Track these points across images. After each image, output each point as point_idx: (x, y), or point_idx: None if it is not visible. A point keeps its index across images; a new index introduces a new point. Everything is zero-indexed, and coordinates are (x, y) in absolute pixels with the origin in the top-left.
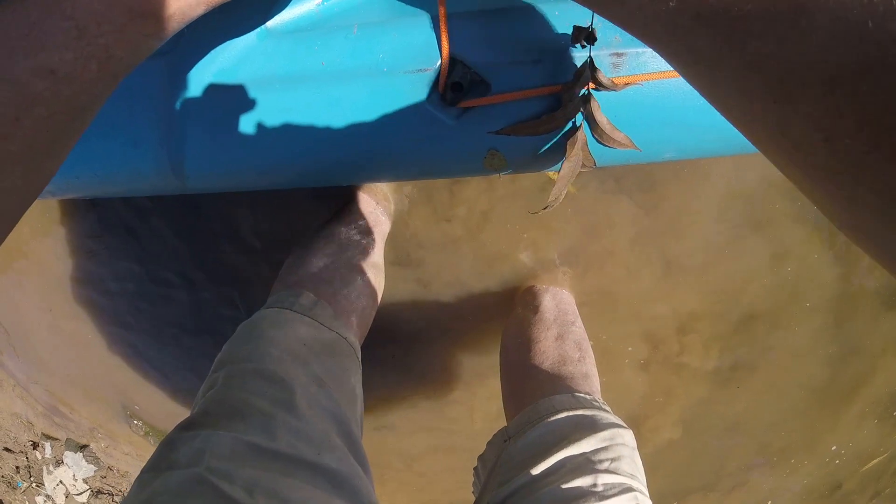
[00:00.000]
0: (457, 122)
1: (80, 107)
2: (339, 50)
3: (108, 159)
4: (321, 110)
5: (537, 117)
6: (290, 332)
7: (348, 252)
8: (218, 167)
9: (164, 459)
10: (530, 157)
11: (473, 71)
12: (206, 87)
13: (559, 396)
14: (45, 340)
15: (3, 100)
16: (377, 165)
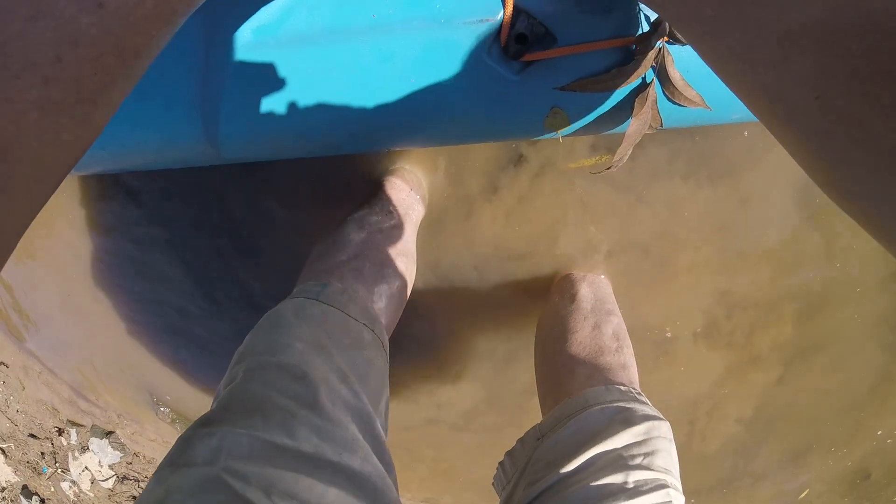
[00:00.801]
0: (519, 78)
1: (131, 49)
2: (391, 0)
3: (138, 125)
4: (370, 67)
5: (606, 71)
6: (314, 323)
7: (378, 240)
8: (255, 131)
9: (181, 456)
10: (594, 116)
11: (539, 21)
12: (245, 45)
13: (593, 389)
14: (70, 327)
15: (44, 37)
16: (430, 126)
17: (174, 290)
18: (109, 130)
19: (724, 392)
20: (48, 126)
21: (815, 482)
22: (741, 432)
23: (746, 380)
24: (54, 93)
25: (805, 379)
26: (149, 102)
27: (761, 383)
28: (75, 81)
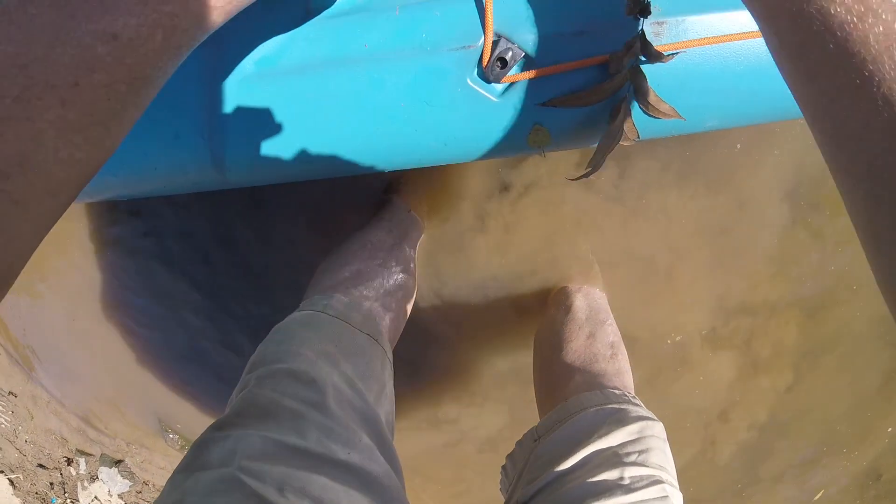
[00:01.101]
0: (501, 98)
1: (142, 78)
2: (381, 31)
3: (147, 153)
4: (365, 93)
5: (585, 88)
6: (321, 333)
7: (380, 257)
8: (259, 158)
9: (197, 460)
10: (574, 131)
11: (517, 45)
12: (247, 76)
13: (588, 393)
14: (77, 355)
15: (63, 64)
16: (421, 148)
17: (182, 315)
18: (120, 158)
19: (735, 397)
20: (63, 145)
21: (829, 484)
22: (754, 437)
23: (755, 384)
24: (71, 114)
25: (814, 381)
26: (158, 131)
27: (770, 387)
28: (90, 105)
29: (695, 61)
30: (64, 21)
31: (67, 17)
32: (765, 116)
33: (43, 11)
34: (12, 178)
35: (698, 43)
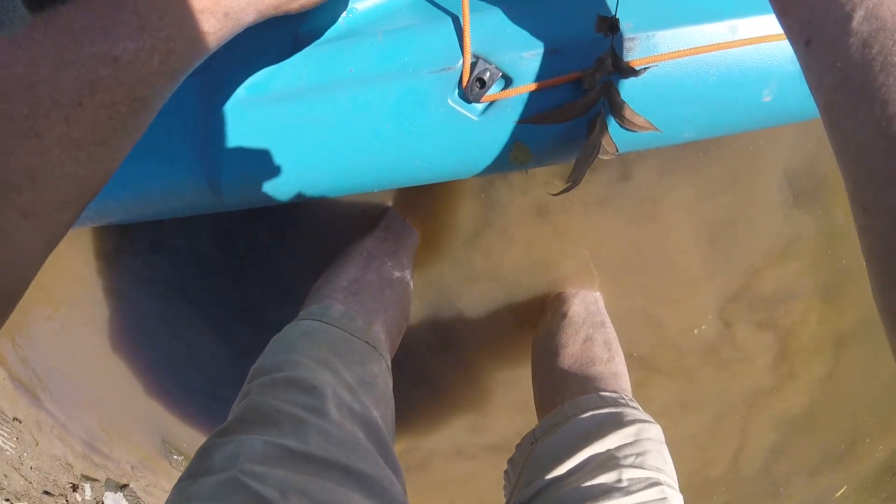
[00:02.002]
0: (482, 117)
1: (140, 99)
2: (365, 56)
3: (145, 178)
4: (352, 115)
5: (561, 105)
6: (320, 342)
7: (377, 266)
8: (254, 180)
9: (201, 466)
10: (554, 146)
11: (495, 66)
12: (240, 102)
13: (585, 397)
14: (80, 379)
15: (68, 84)
16: (407, 167)
17: (185, 337)
18: (119, 182)
19: (758, 392)
20: (68, 161)
21: (851, 479)
22: (779, 432)
23: (777, 378)
24: (75, 132)
25: (839, 372)
26: (155, 156)
27: (795, 380)
28: (93, 124)
29: (668, 74)
30: (69, 45)
31: (72, 42)
32: (739, 126)
33: (49, 37)
34: (23, 192)
35: (670, 56)
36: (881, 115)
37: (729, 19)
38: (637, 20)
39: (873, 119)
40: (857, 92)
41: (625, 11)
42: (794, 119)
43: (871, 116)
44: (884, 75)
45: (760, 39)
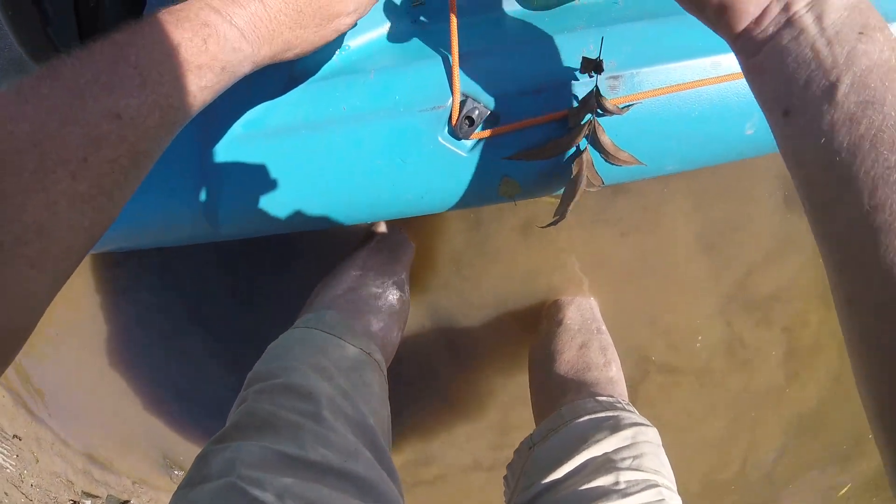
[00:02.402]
0: (471, 153)
1: (142, 152)
2: (358, 94)
3: (144, 210)
4: (345, 151)
5: (546, 142)
6: (315, 349)
7: (373, 276)
8: (249, 212)
9: (199, 473)
10: (541, 180)
11: (483, 104)
12: (237, 137)
13: (582, 401)
14: (80, 395)
15: (74, 141)
16: (399, 201)
17: (185, 351)
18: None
19: (767, 392)
20: (74, 213)
21: (855, 478)
22: (787, 433)
23: (785, 379)
24: (81, 186)
25: (846, 373)
26: (155, 189)
27: (802, 381)
28: (97, 178)
29: (651, 110)
30: (74, 101)
31: (76, 98)
32: (723, 158)
33: (55, 92)
34: (31, 244)
35: (653, 94)
36: (870, 202)
37: (711, 55)
38: (621, 58)
39: (860, 207)
40: (844, 176)
41: (609, 50)
42: (776, 149)
43: (858, 204)
44: (872, 157)
45: (742, 75)
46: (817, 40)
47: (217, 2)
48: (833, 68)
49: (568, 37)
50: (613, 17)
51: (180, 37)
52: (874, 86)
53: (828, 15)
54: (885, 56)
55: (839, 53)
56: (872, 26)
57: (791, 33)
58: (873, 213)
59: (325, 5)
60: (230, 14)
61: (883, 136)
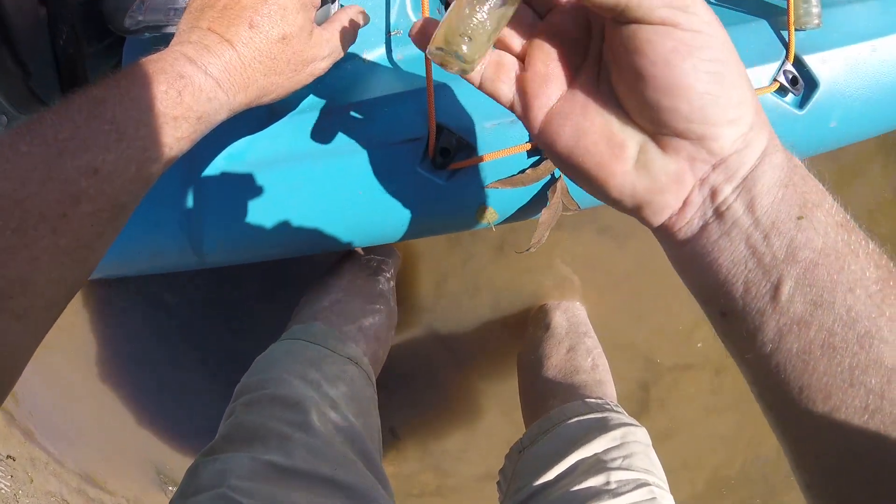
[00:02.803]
0: (448, 183)
1: (120, 205)
2: (335, 128)
3: (131, 242)
4: (326, 183)
5: (521, 171)
6: (302, 360)
7: (359, 287)
8: (234, 242)
9: (190, 486)
10: (518, 207)
11: (459, 136)
12: (219, 171)
13: (570, 404)
14: (71, 416)
15: (54, 197)
16: (380, 229)
17: (176, 367)
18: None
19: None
20: (56, 266)
21: None
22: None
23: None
24: (61, 241)
25: None
26: (140, 223)
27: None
28: (77, 232)
29: None
30: (53, 158)
31: (56, 155)
32: None
33: (34, 150)
34: (15, 298)
35: None
36: (824, 407)
37: None
38: None
39: (813, 409)
40: (794, 383)
41: None
42: None
43: (811, 407)
44: (825, 364)
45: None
46: (752, 234)
47: (192, 51)
48: (773, 267)
49: None
50: None
51: (156, 90)
52: (822, 282)
53: (760, 201)
54: (831, 240)
55: (778, 248)
56: (811, 203)
57: (721, 228)
58: (829, 417)
59: (298, 51)
60: (205, 64)
61: (834, 340)
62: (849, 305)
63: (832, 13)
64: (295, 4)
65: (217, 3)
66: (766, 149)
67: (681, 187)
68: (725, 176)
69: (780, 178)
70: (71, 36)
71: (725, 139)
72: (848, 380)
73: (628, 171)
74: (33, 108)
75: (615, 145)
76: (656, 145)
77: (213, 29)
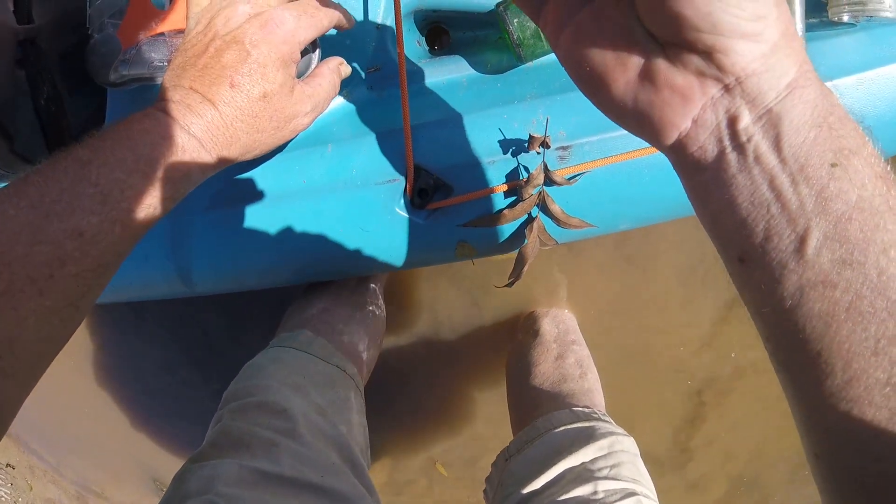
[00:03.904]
0: (426, 222)
1: (105, 264)
2: (317, 168)
3: (122, 273)
4: (306, 221)
5: (499, 211)
6: (290, 367)
7: (347, 295)
8: (221, 274)
9: (177, 492)
10: (496, 243)
11: (436, 176)
12: (203, 209)
13: (558, 413)
14: (68, 423)
15: (40, 259)
16: (359, 264)
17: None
18: None
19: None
20: (42, 326)
21: None
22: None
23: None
24: (48, 301)
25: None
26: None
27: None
28: (63, 292)
29: (602, 177)
30: (40, 221)
31: (42, 217)
32: (677, 215)
33: (20, 213)
34: (3, 358)
35: (602, 162)
36: (843, 376)
37: None
38: (570, 128)
39: (832, 377)
40: (813, 345)
41: (558, 119)
42: None
43: (829, 374)
44: (848, 328)
45: None
46: (777, 176)
47: (175, 111)
48: (800, 216)
49: (519, 106)
50: (563, 84)
51: (140, 152)
52: (853, 239)
53: (788, 139)
54: (867, 193)
55: (807, 196)
56: (848, 150)
57: (741, 161)
58: (846, 387)
59: (280, 108)
60: (188, 124)
61: (862, 304)
62: (881, 268)
63: (817, 46)
64: (275, 62)
65: (197, 61)
66: (796, 80)
67: (687, 104)
68: (744, 100)
69: (813, 116)
70: (52, 94)
71: (738, 55)
72: (872, 348)
73: (631, 81)
74: (18, 167)
75: (621, 51)
76: (665, 58)
77: (194, 88)
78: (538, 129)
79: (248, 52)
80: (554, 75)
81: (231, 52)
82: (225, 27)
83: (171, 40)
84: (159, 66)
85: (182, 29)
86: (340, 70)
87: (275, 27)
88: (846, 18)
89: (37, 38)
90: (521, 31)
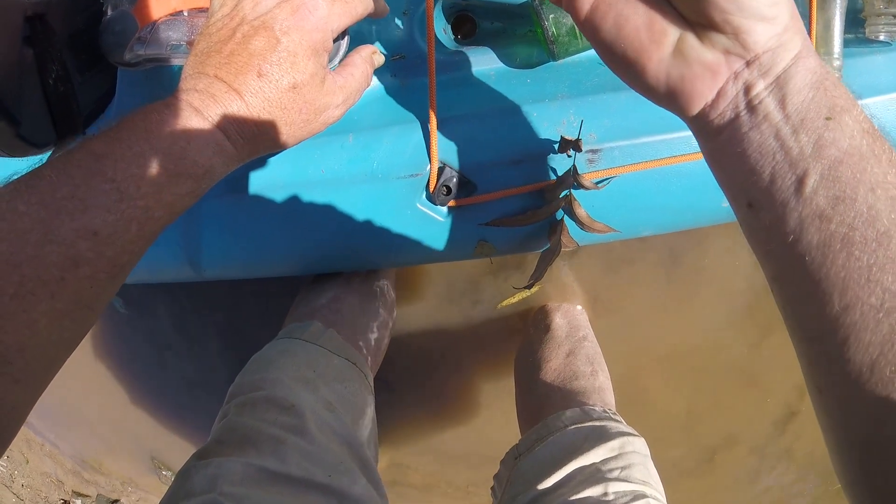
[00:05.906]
0: (448, 218)
1: (120, 265)
2: (336, 158)
3: None
4: (323, 212)
5: (522, 212)
6: (299, 359)
7: (357, 284)
8: (231, 260)
9: (181, 489)
10: (516, 244)
11: (460, 173)
12: (218, 194)
13: (569, 411)
14: (67, 398)
15: (52, 260)
16: (376, 257)
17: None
18: None
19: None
20: (54, 329)
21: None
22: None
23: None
24: (59, 304)
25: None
26: None
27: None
28: (76, 294)
29: (629, 183)
30: (51, 219)
31: (53, 216)
32: (698, 224)
33: (31, 209)
34: (14, 363)
35: (631, 168)
36: (840, 303)
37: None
38: (601, 131)
39: (830, 306)
40: (812, 275)
41: (589, 121)
42: None
43: (828, 303)
44: (843, 257)
45: None
46: (781, 128)
47: (198, 101)
48: (800, 160)
49: (549, 106)
50: (594, 85)
51: (159, 145)
52: (845, 179)
53: (791, 98)
54: (856, 143)
55: (806, 143)
56: (840, 108)
57: (752, 120)
58: (843, 314)
59: (310, 100)
60: (211, 115)
61: (854, 235)
62: (870, 204)
63: (851, 63)
64: (306, 50)
65: (223, 47)
66: (800, 52)
67: (715, 78)
68: (760, 72)
69: (812, 80)
70: (61, 73)
71: (760, 35)
72: (865, 275)
73: (664, 59)
74: (28, 152)
75: (656, 32)
76: (695, 36)
77: (219, 76)
78: (569, 131)
79: (277, 40)
80: (585, 74)
81: (259, 39)
82: (253, 11)
83: (192, 20)
84: (177, 47)
85: (202, 7)
86: (373, 59)
87: (307, 13)
88: (882, 37)
89: (46, 13)
90: (557, 27)
